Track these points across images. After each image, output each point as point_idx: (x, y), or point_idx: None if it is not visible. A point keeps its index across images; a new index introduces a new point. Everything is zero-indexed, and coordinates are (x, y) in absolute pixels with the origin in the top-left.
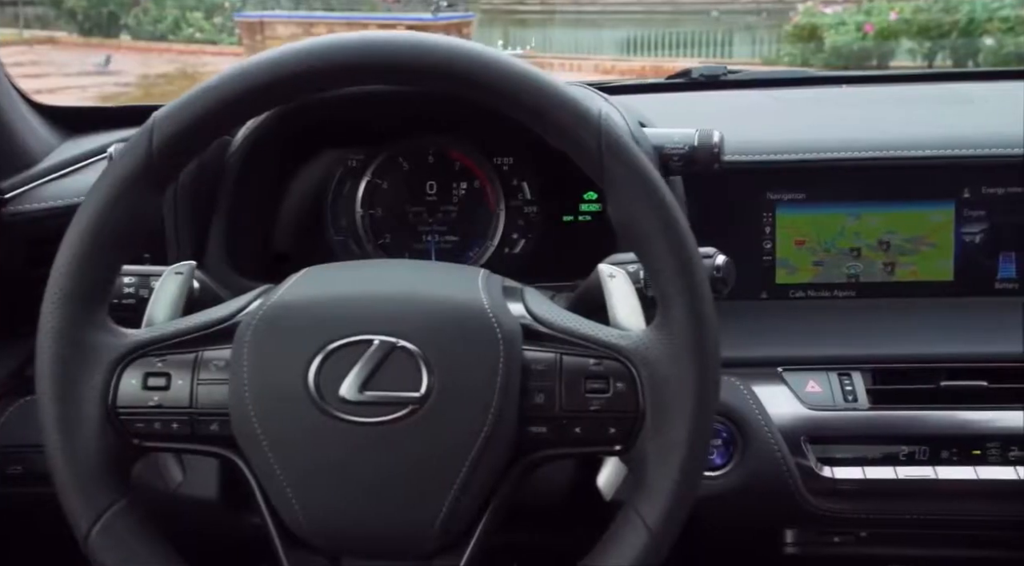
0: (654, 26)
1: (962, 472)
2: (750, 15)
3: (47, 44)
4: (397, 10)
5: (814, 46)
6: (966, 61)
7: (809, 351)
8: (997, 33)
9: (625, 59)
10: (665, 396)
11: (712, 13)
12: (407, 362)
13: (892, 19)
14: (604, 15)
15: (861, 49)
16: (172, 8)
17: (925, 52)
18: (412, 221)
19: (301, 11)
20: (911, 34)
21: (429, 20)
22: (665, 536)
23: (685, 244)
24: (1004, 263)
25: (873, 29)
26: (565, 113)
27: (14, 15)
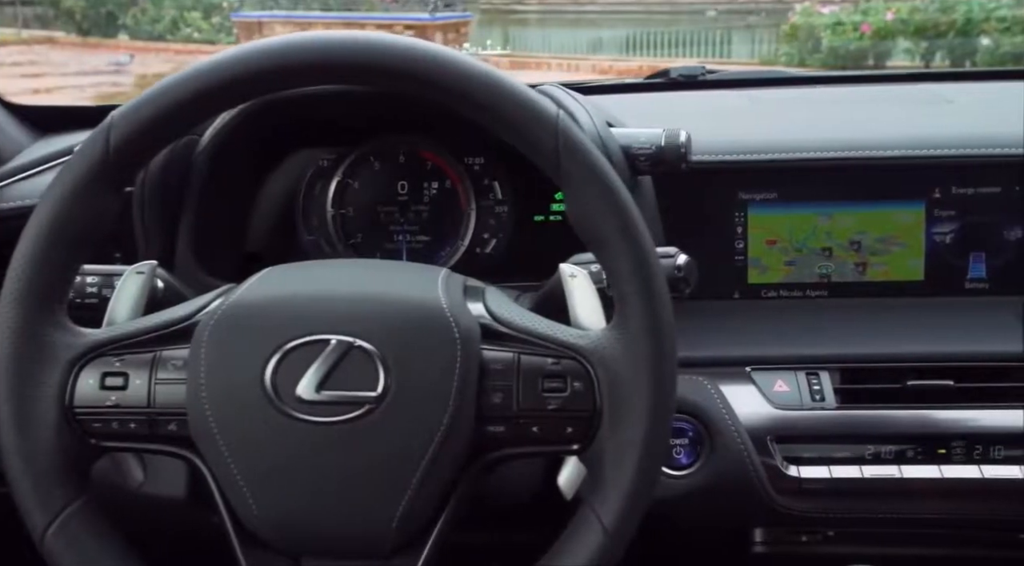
0: (652, 26)
1: (927, 471)
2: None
3: (45, 44)
4: (395, 10)
5: (811, 46)
6: (963, 61)
7: (779, 351)
8: (994, 33)
9: (623, 59)
10: (621, 395)
11: (709, 13)
12: (364, 362)
13: (889, 19)
14: (603, 15)
15: (858, 49)
16: (170, 8)
17: (922, 52)
18: (383, 221)
19: (299, 11)
20: (908, 34)
21: (427, 20)
22: (621, 535)
23: (641, 244)
24: (974, 263)
25: (870, 29)
26: (522, 114)
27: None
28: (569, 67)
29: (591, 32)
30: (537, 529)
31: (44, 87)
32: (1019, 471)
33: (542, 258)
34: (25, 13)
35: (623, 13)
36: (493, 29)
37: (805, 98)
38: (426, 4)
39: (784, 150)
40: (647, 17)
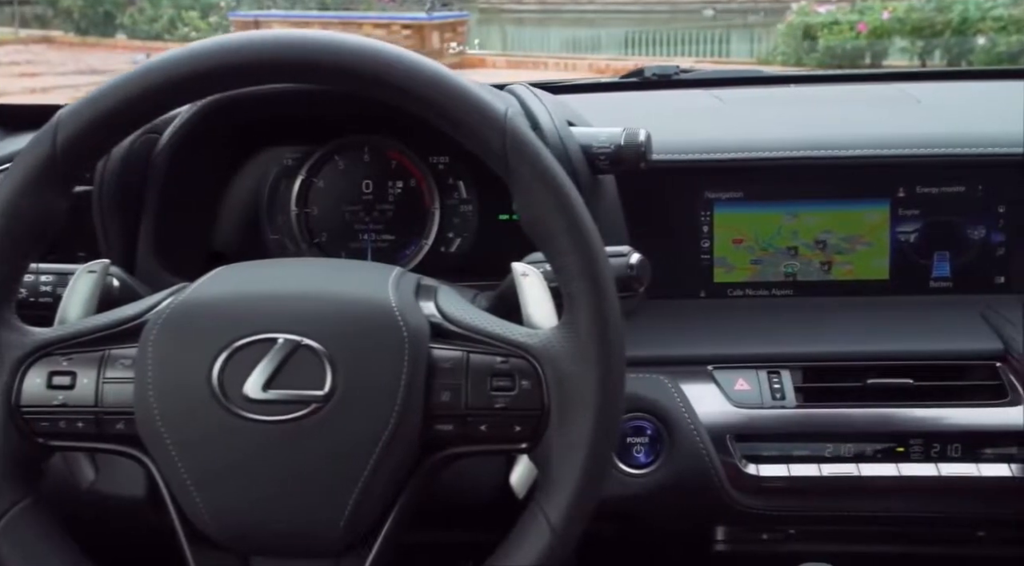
0: (651, 25)
1: (885, 469)
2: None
3: (43, 43)
4: (392, 9)
5: (807, 45)
6: (959, 60)
7: (741, 350)
8: (990, 32)
9: (620, 58)
10: (569, 394)
11: (707, 12)
12: (311, 360)
13: (885, 18)
14: (601, 14)
15: (854, 48)
16: (168, 7)
17: (918, 51)
18: (348, 220)
19: (296, 10)
20: (904, 33)
21: (424, 19)
22: (568, 534)
23: (589, 243)
24: (939, 262)
25: (866, 28)
26: (470, 112)
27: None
28: (566, 66)
29: (590, 31)
30: (496, 529)
31: (41, 86)
32: (975, 469)
33: (507, 257)
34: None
35: (622, 12)
36: (491, 28)
37: (776, 98)
38: (423, 3)
39: (749, 149)
40: (645, 16)
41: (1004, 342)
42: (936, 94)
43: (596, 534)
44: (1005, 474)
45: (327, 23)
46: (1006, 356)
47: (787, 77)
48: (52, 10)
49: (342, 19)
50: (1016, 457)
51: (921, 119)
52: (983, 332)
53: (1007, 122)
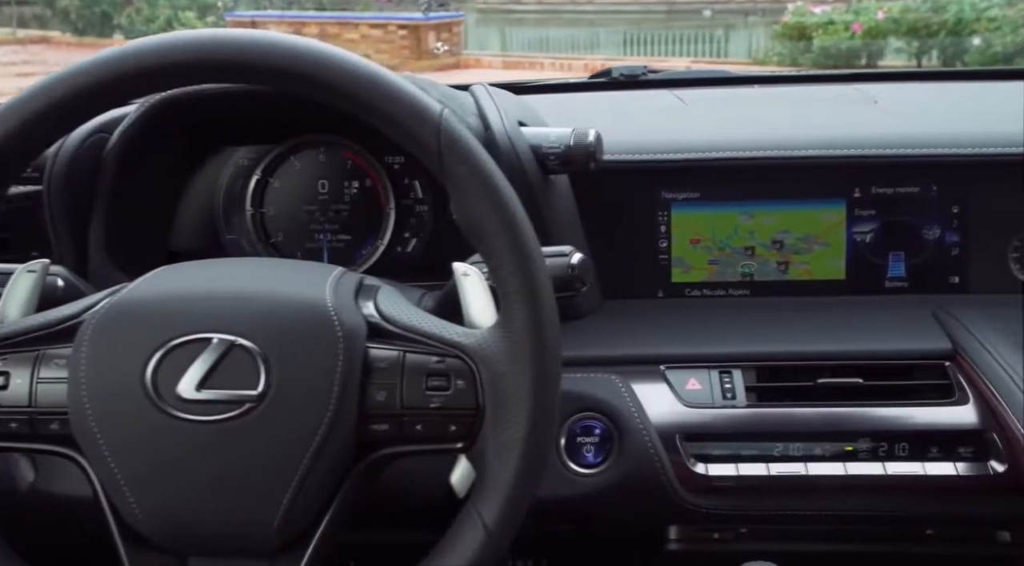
0: (649, 25)
1: (832, 468)
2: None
3: (40, 44)
4: (389, 9)
5: (803, 46)
6: (955, 60)
7: (695, 349)
8: (985, 33)
9: (616, 58)
10: (503, 394)
11: (705, 12)
12: (245, 360)
13: (880, 18)
14: (600, 15)
15: (849, 48)
16: (165, 8)
17: (914, 51)
18: (304, 220)
19: (293, 11)
20: (899, 33)
21: (420, 19)
22: (503, 534)
23: (525, 243)
24: (894, 262)
25: (861, 29)
26: (404, 112)
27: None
28: (562, 67)
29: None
30: (441, 529)
31: None
32: (921, 468)
33: (463, 257)
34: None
35: (620, 13)
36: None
37: (738, 98)
38: (419, 3)
39: (705, 150)
40: (644, 17)
41: (953, 342)
42: (894, 94)
43: (556, 533)
44: (950, 472)
45: (324, 23)
46: (955, 356)
47: (752, 77)
48: (50, 10)
49: (339, 19)
50: (962, 456)
51: (877, 119)
52: (934, 332)
53: (963, 122)
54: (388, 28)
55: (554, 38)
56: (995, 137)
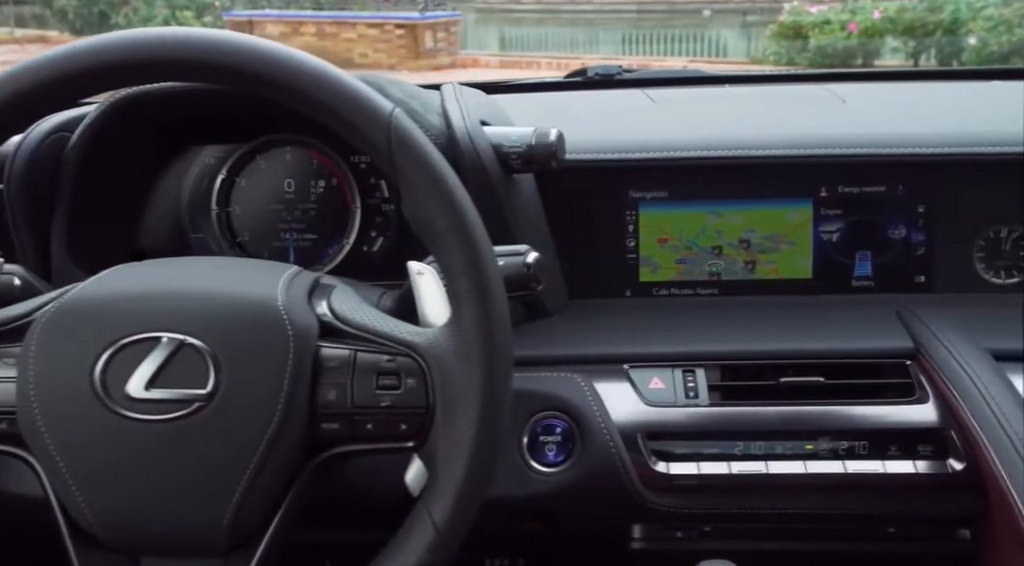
0: (648, 25)
1: (793, 467)
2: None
3: (38, 43)
4: (386, 9)
5: (799, 45)
6: (951, 60)
7: (660, 349)
8: (981, 32)
9: (613, 58)
10: (453, 393)
11: (704, 12)
12: (195, 359)
13: (876, 18)
14: (599, 14)
15: (845, 48)
16: (162, 7)
17: (910, 51)
18: (271, 219)
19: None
20: (896, 33)
21: (416, 19)
22: (453, 533)
23: (475, 242)
24: (860, 261)
25: (857, 28)
26: (355, 111)
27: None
28: (559, 66)
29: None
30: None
31: None
32: (881, 466)
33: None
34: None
35: (619, 12)
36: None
37: (709, 98)
38: (416, 3)
39: (672, 149)
40: (642, 17)
41: (915, 341)
42: (862, 94)
43: (525, 532)
44: (909, 471)
45: (321, 22)
46: (917, 355)
47: (725, 77)
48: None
49: (336, 19)
50: (921, 454)
51: (844, 119)
52: (897, 331)
53: (930, 122)
54: (385, 28)
55: (553, 38)
56: (961, 137)
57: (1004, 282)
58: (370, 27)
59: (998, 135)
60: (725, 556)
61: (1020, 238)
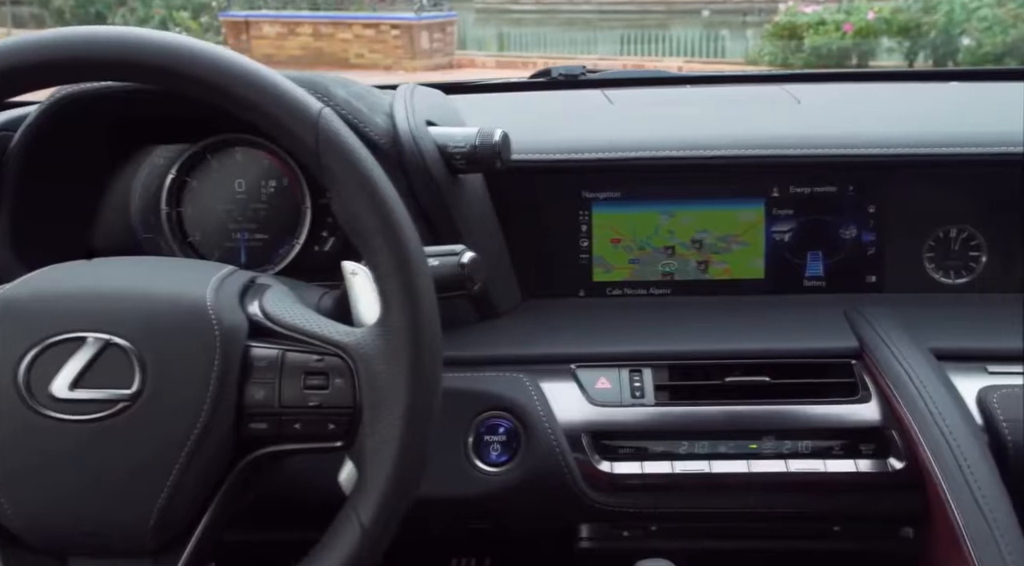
0: (647, 26)
1: (736, 466)
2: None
3: None
4: (382, 9)
5: (794, 45)
6: (945, 60)
7: (607, 348)
8: (975, 33)
9: (609, 58)
10: (380, 393)
11: (703, 12)
12: (120, 359)
13: (871, 18)
14: (597, 14)
15: (840, 48)
16: (159, 7)
17: (905, 51)
18: (222, 219)
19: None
20: (890, 34)
21: (412, 19)
22: (380, 533)
23: (402, 242)
24: (812, 261)
25: (852, 29)
26: (282, 111)
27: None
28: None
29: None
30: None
31: None
32: (823, 465)
33: None
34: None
35: (618, 13)
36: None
37: (667, 98)
38: (412, 3)
39: (624, 149)
40: (641, 17)
41: (860, 341)
42: (816, 95)
43: (480, 531)
44: (851, 470)
45: (317, 23)
46: (861, 354)
47: (688, 77)
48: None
49: (332, 19)
50: (863, 453)
51: (797, 120)
52: (844, 331)
53: (881, 123)
54: (381, 28)
55: (552, 38)
56: (911, 137)
57: (953, 282)
58: (366, 27)
59: (948, 136)
60: (672, 556)
61: (969, 239)
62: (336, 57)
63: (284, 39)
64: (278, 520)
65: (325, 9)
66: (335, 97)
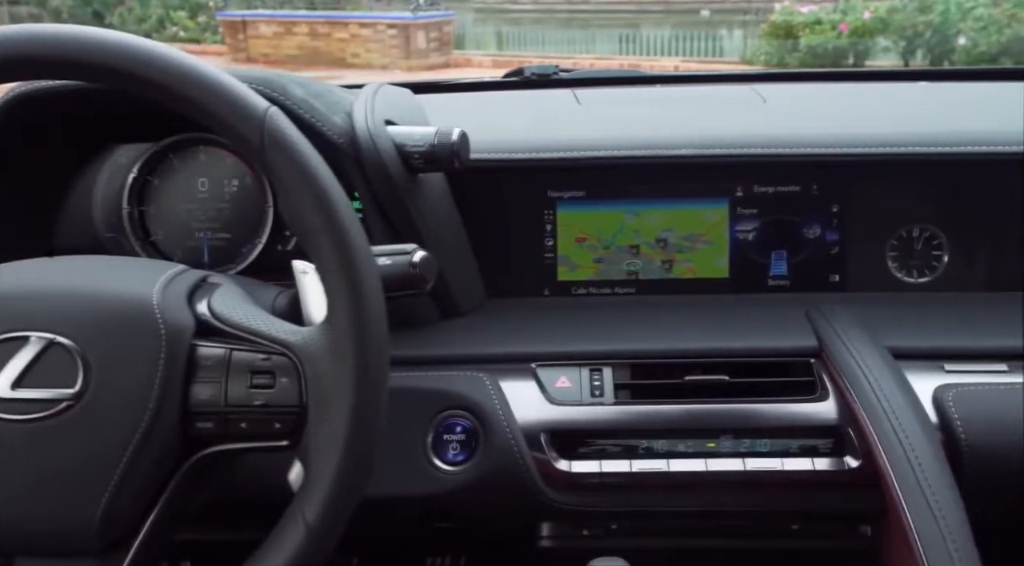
0: (645, 26)
1: (693, 465)
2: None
3: None
4: (379, 8)
5: (790, 44)
6: (941, 60)
7: (569, 347)
8: (971, 32)
9: (606, 58)
10: (325, 392)
11: (703, 12)
12: (64, 358)
13: (866, 18)
14: (596, 14)
15: (836, 48)
16: (156, 7)
17: (901, 51)
18: (184, 218)
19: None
20: (886, 33)
21: (409, 19)
22: (325, 532)
23: (347, 240)
24: (776, 260)
25: (848, 28)
26: (227, 110)
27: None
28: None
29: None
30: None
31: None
32: (780, 463)
33: None
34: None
35: (616, 13)
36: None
37: (634, 98)
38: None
39: (588, 149)
40: (639, 17)
41: (819, 339)
42: (783, 94)
43: (444, 530)
44: (807, 468)
45: (314, 22)
46: (820, 353)
47: (660, 77)
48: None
49: (329, 18)
50: (819, 451)
51: (762, 119)
52: (804, 330)
53: (845, 123)
54: (377, 27)
55: (551, 37)
56: (874, 137)
57: (916, 281)
58: (362, 27)
59: (910, 136)
60: (631, 554)
61: (932, 238)
62: (333, 56)
63: (281, 38)
64: (231, 519)
65: (322, 8)
66: (292, 96)
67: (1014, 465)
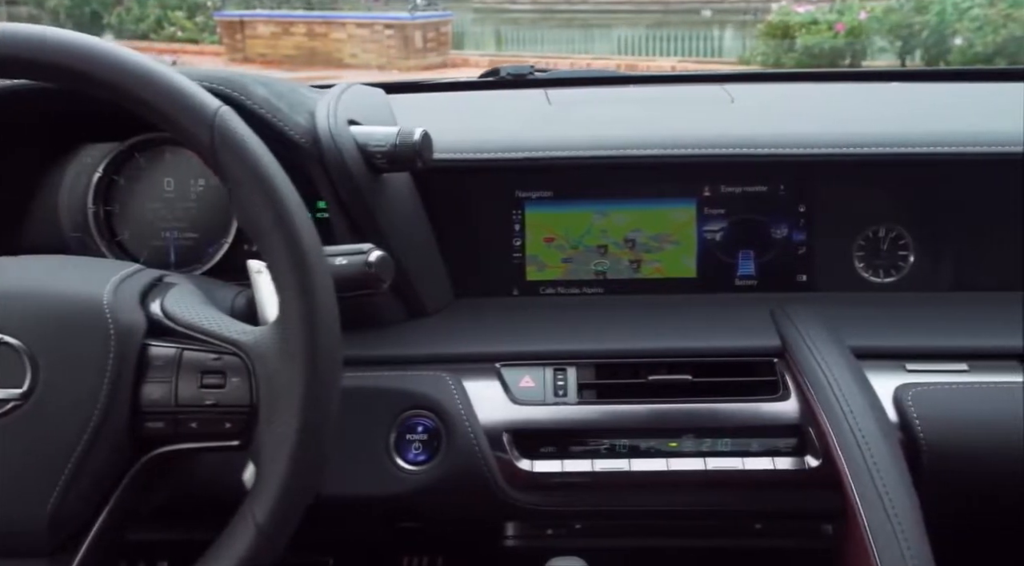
0: (643, 25)
1: (655, 464)
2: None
3: None
4: (376, 8)
5: (786, 45)
6: (937, 60)
7: (534, 347)
8: (967, 33)
9: (604, 57)
10: (276, 392)
11: (704, 12)
12: (11, 358)
13: (862, 18)
14: (595, 14)
15: (832, 48)
16: (154, 7)
17: (897, 51)
18: (150, 218)
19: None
20: (882, 33)
21: (407, 19)
22: (275, 533)
23: (299, 240)
24: (743, 260)
25: (844, 28)
26: (178, 109)
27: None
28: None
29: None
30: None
31: None
32: (741, 463)
33: None
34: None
35: (615, 13)
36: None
37: (605, 98)
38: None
39: (555, 149)
40: (638, 17)
41: (783, 339)
42: (751, 94)
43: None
44: (768, 467)
45: (311, 22)
46: (783, 353)
47: (633, 77)
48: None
49: (326, 19)
50: (780, 451)
51: (729, 119)
52: (768, 330)
53: (812, 123)
54: (374, 28)
55: (550, 38)
56: (840, 137)
57: (882, 281)
58: (360, 27)
59: (875, 136)
60: (594, 554)
61: (898, 238)
62: (330, 57)
63: (279, 38)
64: (187, 519)
65: (319, 8)
66: (253, 95)
67: (972, 464)
